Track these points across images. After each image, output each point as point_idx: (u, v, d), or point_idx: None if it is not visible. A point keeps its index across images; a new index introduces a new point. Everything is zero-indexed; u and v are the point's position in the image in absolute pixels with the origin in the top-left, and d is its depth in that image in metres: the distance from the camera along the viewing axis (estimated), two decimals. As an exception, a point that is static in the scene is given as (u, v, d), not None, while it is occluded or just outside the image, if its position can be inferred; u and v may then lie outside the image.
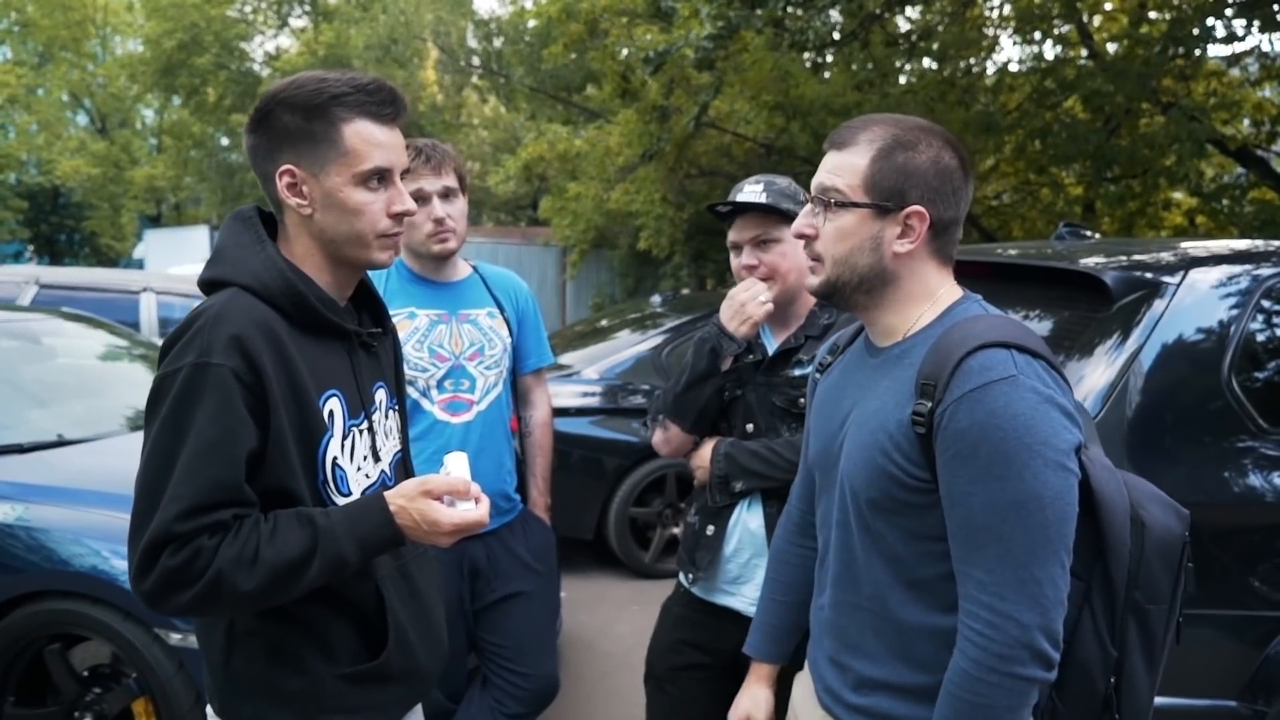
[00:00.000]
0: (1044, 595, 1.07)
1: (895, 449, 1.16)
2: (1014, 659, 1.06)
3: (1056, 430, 1.08)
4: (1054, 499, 1.07)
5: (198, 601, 1.12)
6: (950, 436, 1.10)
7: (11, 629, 2.39)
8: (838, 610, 1.29)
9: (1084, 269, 2.40)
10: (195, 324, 1.17)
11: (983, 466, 1.08)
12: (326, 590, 1.22)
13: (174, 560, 1.10)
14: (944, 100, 8.81)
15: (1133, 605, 1.17)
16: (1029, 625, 1.06)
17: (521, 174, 12.86)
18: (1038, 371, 1.11)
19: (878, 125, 1.23)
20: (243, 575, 1.12)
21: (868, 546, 1.22)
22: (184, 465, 1.12)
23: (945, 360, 1.12)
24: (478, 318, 2.23)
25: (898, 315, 1.25)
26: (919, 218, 1.20)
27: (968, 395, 1.09)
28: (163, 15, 19.25)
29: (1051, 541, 1.08)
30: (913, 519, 1.17)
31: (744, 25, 7.26)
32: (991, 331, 1.13)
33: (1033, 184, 10.49)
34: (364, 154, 1.23)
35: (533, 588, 2.27)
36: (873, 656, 1.23)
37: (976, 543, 1.09)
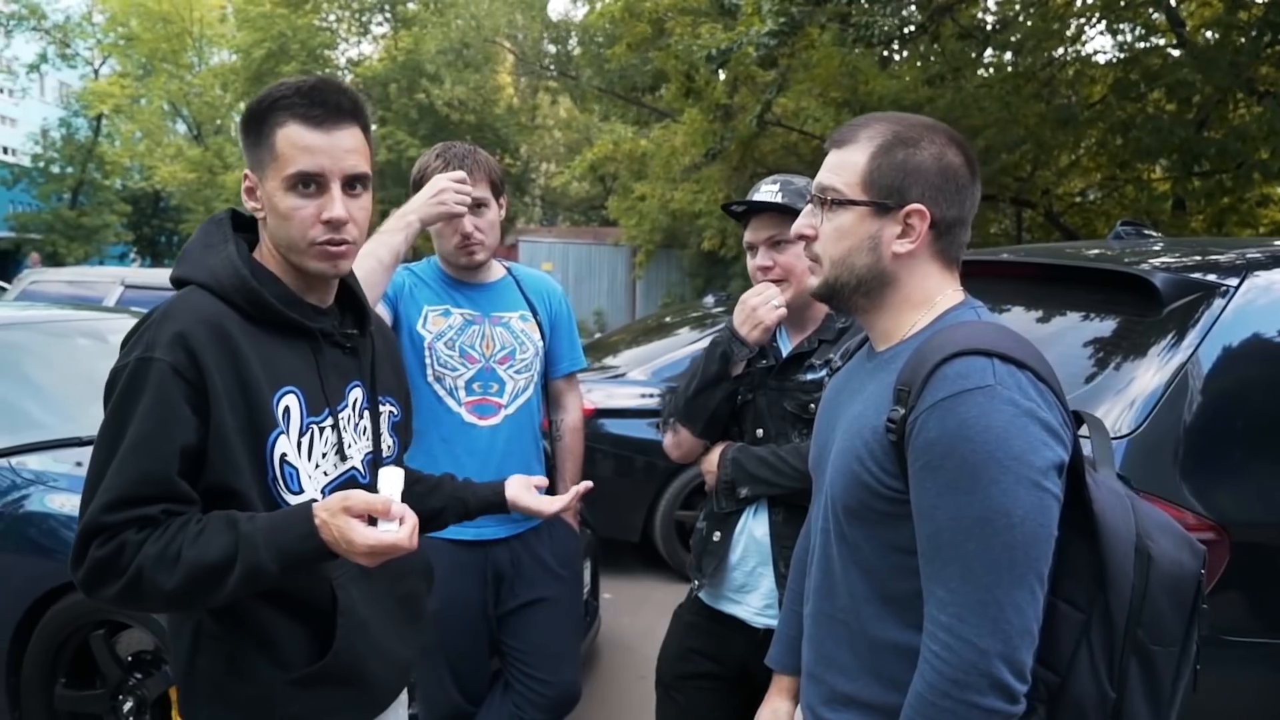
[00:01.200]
0: (1007, 621, 0.99)
1: (870, 456, 1.10)
2: (970, 686, 0.99)
3: (1033, 445, 1.01)
4: (1024, 518, 0.99)
5: (124, 594, 1.12)
6: (920, 446, 1.04)
7: (62, 615, 2.51)
8: (816, 621, 1.24)
9: (1131, 271, 2.27)
10: (148, 320, 1.20)
11: (950, 479, 1.01)
12: (281, 591, 1.21)
13: (100, 552, 1.11)
14: (1019, 94, 8.49)
15: (1135, 644, 1.07)
16: (988, 652, 0.98)
17: (588, 174, 12.94)
18: (1020, 383, 1.03)
19: (879, 122, 1.18)
20: (164, 574, 1.11)
21: (845, 556, 1.17)
22: (119, 458, 1.12)
23: (921, 366, 1.06)
24: (510, 321, 2.22)
25: (895, 319, 1.19)
26: (919, 216, 1.14)
27: (940, 404, 1.02)
28: (253, 26, 20.09)
29: (1018, 564, 0.99)
30: (887, 530, 1.11)
31: (808, 21, 7.14)
32: (974, 338, 1.06)
33: (1118, 180, 10.03)
34: (289, 158, 1.22)
35: (556, 594, 2.25)
36: (846, 671, 1.18)
37: (941, 559, 1.03)
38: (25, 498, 2.62)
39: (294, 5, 20.35)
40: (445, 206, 1.93)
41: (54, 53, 25.76)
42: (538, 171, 24.88)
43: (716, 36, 8.29)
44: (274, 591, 1.21)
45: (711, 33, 8.74)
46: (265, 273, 1.27)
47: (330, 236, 1.24)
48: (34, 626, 2.52)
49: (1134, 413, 2.09)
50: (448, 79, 18.13)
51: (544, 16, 19.65)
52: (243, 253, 1.27)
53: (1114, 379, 2.20)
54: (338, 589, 1.27)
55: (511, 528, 2.18)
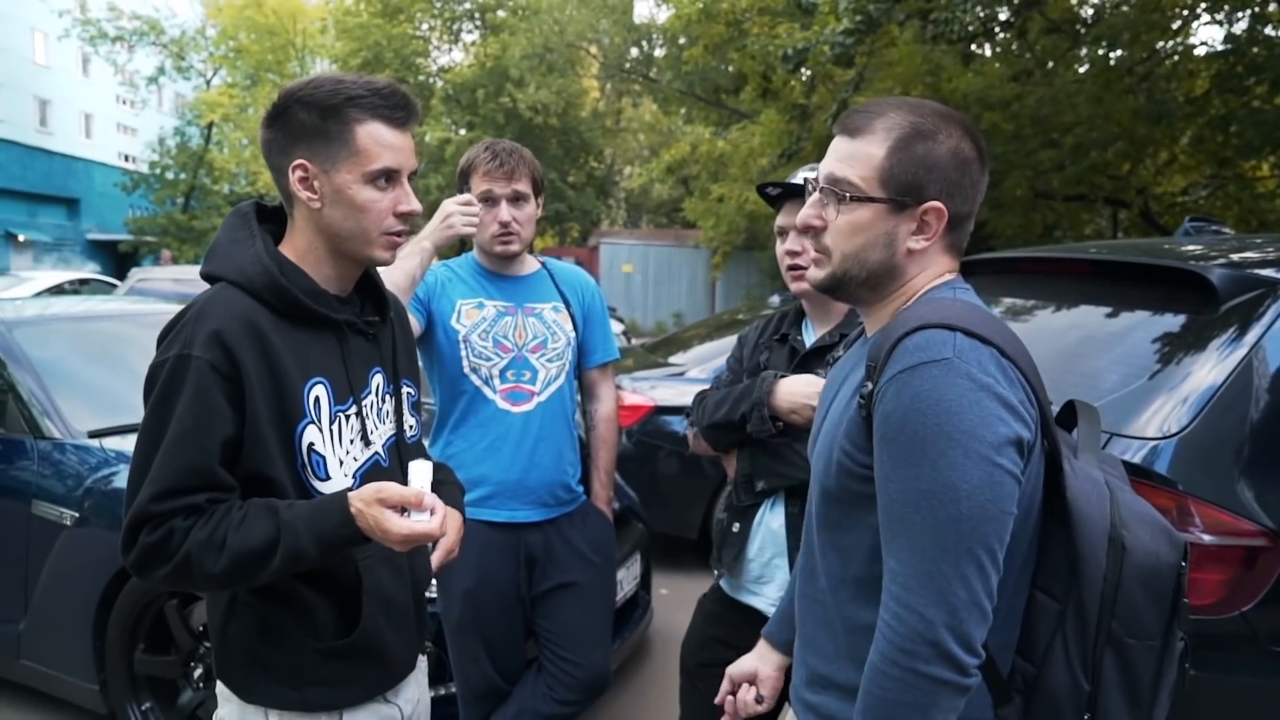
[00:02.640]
0: (952, 593, 0.98)
1: (845, 436, 1.11)
2: (917, 654, 0.99)
3: (985, 420, 0.99)
4: (971, 493, 0.98)
5: (173, 576, 1.20)
6: (879, 419, 1.04)
7: (140, 586, 2.70)
8: (800, 603, 1.26)
9: (1187, 267, 2.19)
10: (184, 318, 1.25)
11: (902, 452, 1.01)
12: (311, 570, 1.29)
13: (150, 538, 1.19)
14: (1111, 89, 8.14)
15: (1110, 636, 1.06)
16: (934, 622, 0.98)
17: (666, 176, 12.99)
18: (981, 358, 1.02)
19: (895, 111, 1.15)
20: (210, 558, 1.18)
21: (824, 539, 1.18)
22: (164, 451, 1.19)
23: (886, 340, 1.06)
24: (542, 311, 2.30)
25: (894, 306, 1.18)
26: (937, 214, 1.12)
27: (898, 376, 1.02)
28: (350, 36, 20.93)
29: (965, 538, 0.99)
30: (863, 511, 1.11)
31: (885, 19, 7.02)
32: (939, 313, 1.06)
33: (1220, 178, 9.50)
34: (374, 154, 1.28)
35: (587, 578, 2.31)
36: (824, 653, 1.19)
37: (892, 531, 1.03)
38: (113, 475, 2.82)
39: (389, 15, 21.10)
40: (454, 229, 2.04)
41: (171, 65, 27.42)
42: (621, 174, 25.08)
43: (794, 36, 8.23)
44: (305, 570, 1.28)
45: (789, 32, 8.67)
46: (291, 267, 1.32)
47: (400, 227, 1.34)
48: (116, 596, 2.72)
49: (1185, 410, 2.02)
50: (531, 83, 18.47)
51: (628, 20, 19.81)
52: (269, 248, 1.32)
53: (1168, 376, 2.12)
54: (364, 570, 1.35)
55: (544, 512, 2.25)
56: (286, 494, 1.28)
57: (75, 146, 29.89)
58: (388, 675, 1.41)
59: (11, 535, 2.92)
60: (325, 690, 1.33)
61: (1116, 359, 2.27)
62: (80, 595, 2.77)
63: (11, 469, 2.99)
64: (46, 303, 4.53)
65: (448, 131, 20.24)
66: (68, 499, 2.83)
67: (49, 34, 27.49)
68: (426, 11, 22.38)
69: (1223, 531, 1.72)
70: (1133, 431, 1.95)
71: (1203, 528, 1.73)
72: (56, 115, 29.20)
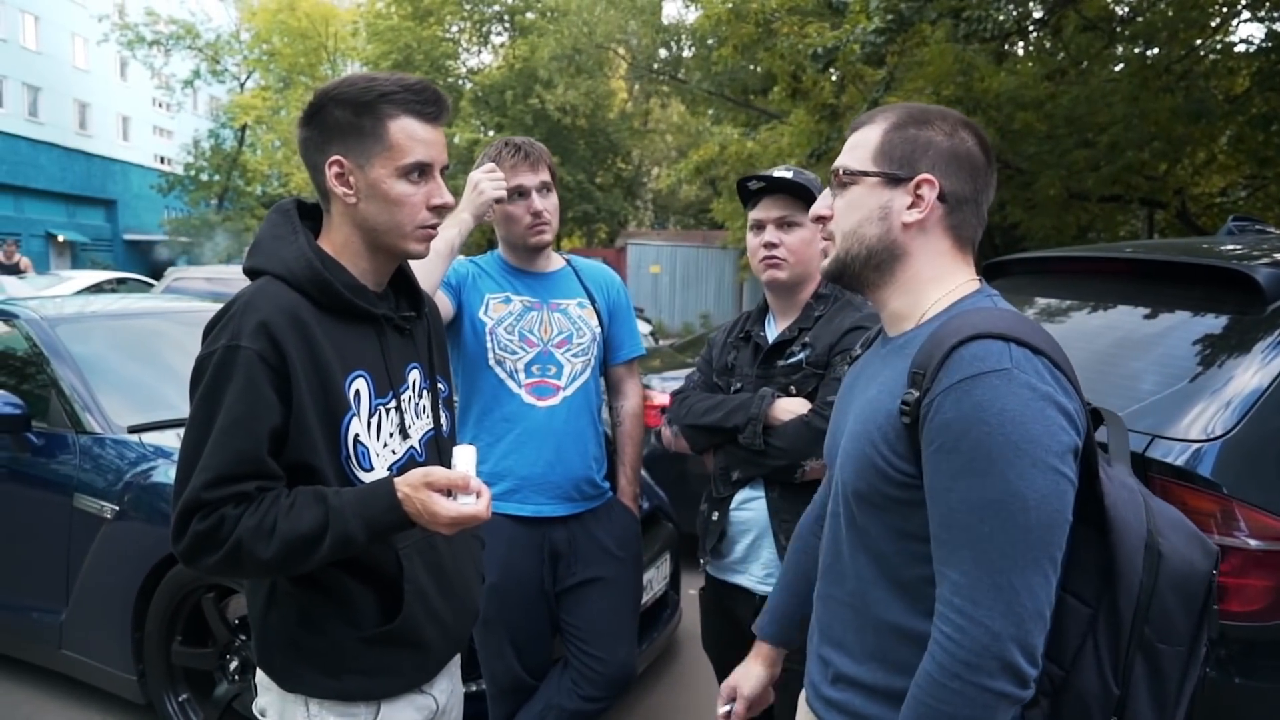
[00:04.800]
0: (1020, 604, 0.99)
1: (883, 441, 1.11)
2: (981, 668, 0.99)
3: (1049, 430, 1.00)
4: (1039, 502, 0.99)
5: (223, 563, 1.22)
6: (934, 429, 1.04)
7: (178, 578, 2.75)
8: (824, 602, 1.26)
9: (1232, 266, 2.15)
10: (230, 310, 1.28)
11: (965, 462, 1.01)
12: (351, 558, 1.31)
13: (201, 526, 1.21)
14: (1148, 88, 8.01)
15: (1141, 641, 1.06)
16: (1000, 634, 0.98)
17: (694, 177, 12.97)
18: (1037, 368, 1.03)
19: (896, 106, 1.22)
20: (261, 545, 1.20)
21: (853, 541, 1.19)
22: (214, 439, 1.21)
23: (937, 349, 1.06)
24: (568, 307, 2.31)
25: (907, 298, 1.20)
26: (929, 185, 1.15)
27: (955, 386, 1.02)
28: (381, 39, 21.14)
29: (1033, 548, 0.99)
30: (898, 516, 1.11)
31: (917, 18, 6.96)
32: (990, 322, 1.06)
33: (1260, 179, 9.31)
34: (407, 148, 1.32)
35: (613, 574, 2.31)
36: (850, 653, 1.19)
37: (954, 542, 1.03)
38: (153, 469, 2.88)
39: (420, 18, 21.29)
40: (485, 194, 2.08)
41: (206, 69, 27.87)
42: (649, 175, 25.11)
43: (824, 35, 8.19)
44: (347, 558, 1.30)
45: (819, 32, 8.63)
46: (331, 261, 1.35)
47: (434, 221, 1.37)
48: (155, 588, 2.77)
49: (1230, 413, 1.98)
50: (560, 85, 18.54)
51: (656, 21, 19.83)
52: (311, 243, 1.35)
53: (1211, 378, 2.09)
54: (403, 558, 1.37)
55: (569, 507, 2.26)
56: (330, 483, 1.30)
57: (113, 149, 30.48)
58: (425, 666, 1.43)
59: (54, 528, 2.99)
60: (364, 680, 1.35)
61: (1155, 360, 2.23)
62: (119, 587, 2.83)
63: (54, 463, 3.06)
64: (86, 300, 4.62)
65: (476, 133, 20.37)
66: (108, 493, 2.89)
67: (88, 39, 28.07)
68: (456, 14, 22.54)
69: (1269, 536, 1.69)
70: (1175, 434, 1.92)
71: (1248, 532, 1.69)
72: (95, 118, 29.81)
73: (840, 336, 1.91)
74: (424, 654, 1.41)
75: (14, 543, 3.15)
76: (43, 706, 3.11)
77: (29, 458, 3.11)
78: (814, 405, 1.89)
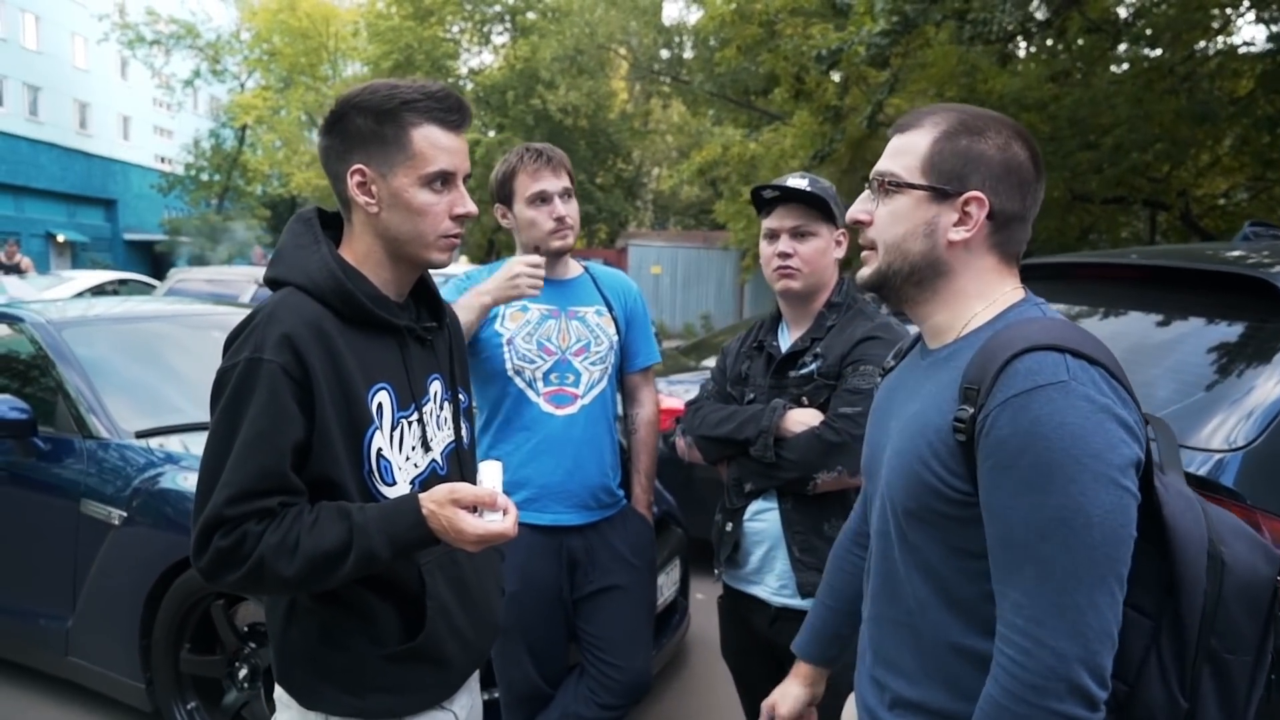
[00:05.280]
0: (1086, 625, 0.96)
1: (934, 457, 1.07)
2: (1049, 691, 0.96)
3: (1111, 443, 0.97)
4: (1103, 518, 0.96)
5: (245, 581, 1.20)
6: (991, 444, 1.01)
7: (186, 585, 2.72)
8: (877, 624, 1.23)
9: (1254, 273, 2.13)
10: (252, 323, 1.26)
11: (1024, 478, 0.98)
12: (375, 574, 1.29)
13: (224, 542, 1.18)
14: (1152, 90, 8.00)
15: (1208, 653, 1.04)
16: (1067, 656, 0.96)
17: (697, 178, 12.96)
18: (1094, 379, 1.00)
19: (945, 110, 1.16)
20: (284, 561, 1.19)
21: (907, 559, 1.15)
22: (236, 454, 1.19)
23: (990, 363, 1.03)
24: (586, 315, 2.30)
25: (949, 313, 1.17)
26: (978, 204, 1.11)
27: (1011, 401, 0.99)
28: (382, 39, 21.10)
29: (1098, 565, 0.96)
30: (952, 533, 1.08)
31: (922, 19, 6.94)
32: (1044, 333, 1.03)
33: (1267, 180, 9.30)
34: (430, 157, 1.30)
35: (629, 581, 2.31)
36: (910, 676, 1.16)
37: (1015, 561, 1.00)
38: (160, 475, 2.86)
39: (420, 18, 21.25)
40: (519, 290, 2.06)
41: (206, 69, 27.83)
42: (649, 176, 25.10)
43: (828, 37, 8.18)
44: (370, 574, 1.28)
45: (823, 33, 8.62)
46: (354, 272, 1.33)
47: (457, 230, 1.35)
48: (163, 595, 2.75)
49: (1252, 424, 1.97)
50: (562, 85, 18.52)
51: (657, 21, 19.81)
52: (333, 253, 1.33)
53: (1232, 387, 2.07)
54: (426, 574, 1.35)
55: (585, 515, 2.25)
56: (352, 498, 1.28)
57: (113, 148, 30.46)
58: (448, 682, 1.41)
59: (60, 533, 2.97)
60: (386, 697, 1.33)
61: (1170, 368, 2.21)
62: (127, 594, 2.81)
63: (60, 468, 3.04)
64: (89, 303, 4.60)
65: (477, 133, 20.35)
66: (116, 498, 2.87)
67: (88, 38, 28.05)
68: (457, 14, 22.51)
69: (1296, 547, 1.67)
70: (1196, 443, 1.90)
71: (1273, 541, 1.68)
72: (95, 118, 29.78)
73: (851, 347, 1.90)
74: (446, 670, 1.39)
75: (20, 548, 3.13)
76: (49, 714, 3.09)
77: (35, 463, 3.09)
78: (826, 417, 1.88)
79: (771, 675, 2.04)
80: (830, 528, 1.86)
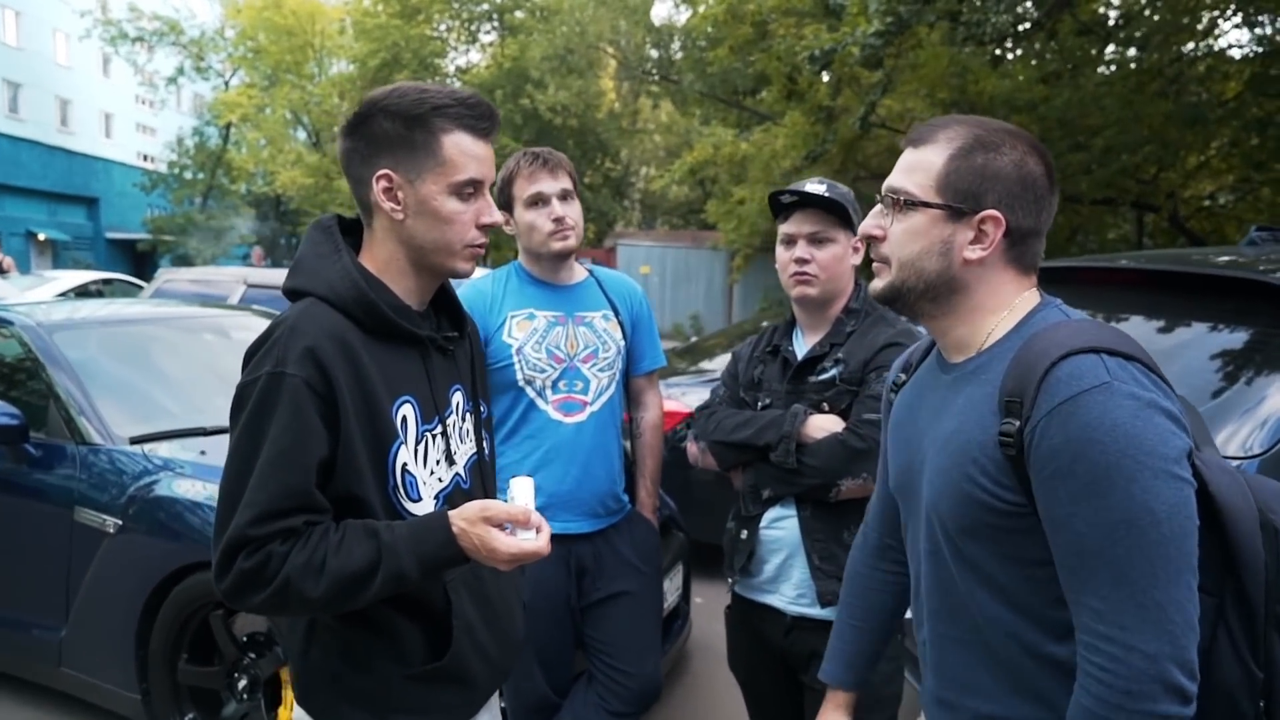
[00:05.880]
0: (1170, 621, 0.96)
1: (981, 473, 1.07)
2: (1144, 695, 0.95)
3: (1163, 436, 0.97)
4: (1169, 513, 0.96)
5: (270, 602, 1.17)
6: (1043, 455, 1.00)
7: (185, 594, 2.67)
8: (939, 646, 1.21)
9: (1264, 279, 2.13)
10: (273, 335, 1.22)
11: (1083, 484, 0.98)
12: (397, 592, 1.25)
13: (248, 563, 1.15)
14: (1143, 92, 8.05)
15: (1276, 621, 1.04)
16: (1157, 656, 0.95)
17: (688, 178, 12.94)
18: (1134, 375, 1.00)
19: (959, 124, 1.15)
20: (310, 582, 1.15)
21: (965, 575, 1.13)
22: (259, 472, 1.16)
23: (1029, 373, 1.03)
24: (593, 320, 2.28)
25: (969, 327, 1.16)
26: (994, 223, 1.11)
27: (1058, 409, 0.99)
28: (369, 37, 20.99)
29: (1172, 560, 0.96)
30: (1011, 545, 1.08)
31: (915, 20, 6.96)
32: (1077, 336, 1.03)
33: (1253, 182, 9.38)
34: (460, 165, 1.27)
35: (637, 587, 2.29)
36: (986, 693, 1.14)
37: (1087, 569, 0.99)
38: (155, 483, 2.80)
39: (408, 16, 21.15)
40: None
41: (190, 66, 27.56)
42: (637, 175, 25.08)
43: (820, 38, 8.18)
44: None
45: (816, 34, 8.62)
46: (376, 282, 1.29)
47: (482, 240, 1.31)
48: (160, 604, 2.70)
49: (1266, 432, 1.97)
50: (551, 85, 18.48)
51: (647, 21, 19.79)
52: (355, 262, 1.29)
53: (1244, 395, 2.07)
54: (451, 592, 1.31)
55: (594, 523, 2.23)
56: (377, 515, 1.24)
57: (95, 146, 30.11)
58: (472, 700, 1.38)
59: (53, 542, 2.91)
60: (410, 718, 1.30)
61: (1176, 375, 2.19)
62: (123, 603, 2.75)
63: (53, 475, 2.98)
64: (79, 305, 4.53)
65: (465, 132, 20.22)
66: (110, 506, 2.81)
67: (70, 34, 27.71)
68: (445, 12, 22.41)
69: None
70: (1210, 450, 1.90)
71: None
72: (77, 115, 29.43)
73: (875, 353, 1.88)
74: (471, 689, 1.37)
75: (12, 557, 3.07)
76: (41, 725, 3.03)
77: (27, 469, 3.03)
78: (849, 423, 1.86)
79: (782, 685, 2.03)
80: (849, 535, 1.83)
